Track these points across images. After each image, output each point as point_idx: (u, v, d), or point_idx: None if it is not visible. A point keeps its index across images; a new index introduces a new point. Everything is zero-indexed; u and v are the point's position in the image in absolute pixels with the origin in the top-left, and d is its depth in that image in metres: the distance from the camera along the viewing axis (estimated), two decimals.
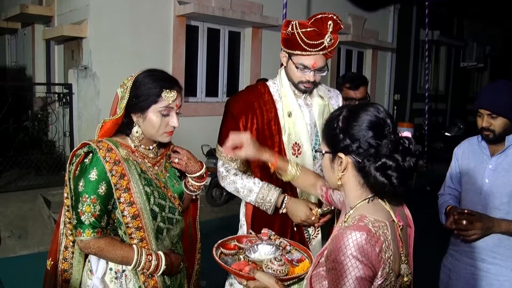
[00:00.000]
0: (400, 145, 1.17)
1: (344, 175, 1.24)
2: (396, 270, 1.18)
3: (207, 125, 6.98)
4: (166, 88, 1.64)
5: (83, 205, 1.58)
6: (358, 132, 1.19)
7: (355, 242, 1.10)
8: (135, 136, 1.71)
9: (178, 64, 6.87)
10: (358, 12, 9.75)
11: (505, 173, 2.09)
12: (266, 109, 2.12)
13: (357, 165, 1.21)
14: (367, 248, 1.09)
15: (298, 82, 2.09)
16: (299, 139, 2.11)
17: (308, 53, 1.99)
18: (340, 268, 1.10)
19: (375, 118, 1.19)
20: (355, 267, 1.09)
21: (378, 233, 1.13)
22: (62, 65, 7.22)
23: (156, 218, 1.69)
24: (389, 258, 1.14)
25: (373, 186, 1.20)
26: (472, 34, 14.35)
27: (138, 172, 1.67)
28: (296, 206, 2.05)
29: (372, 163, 1.17)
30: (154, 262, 1.64)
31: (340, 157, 1.23)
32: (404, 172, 1.16)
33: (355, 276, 1.09)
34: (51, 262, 1.75)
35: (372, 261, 1.10)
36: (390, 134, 1.18)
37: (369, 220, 1.15)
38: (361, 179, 1.22)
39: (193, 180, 1.90)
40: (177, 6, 6.80)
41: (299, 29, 1.97)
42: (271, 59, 7.66)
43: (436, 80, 13.37)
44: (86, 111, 6.14)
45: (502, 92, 2.06)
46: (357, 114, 1.21)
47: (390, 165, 1.16)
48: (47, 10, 7.13)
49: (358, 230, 1.12)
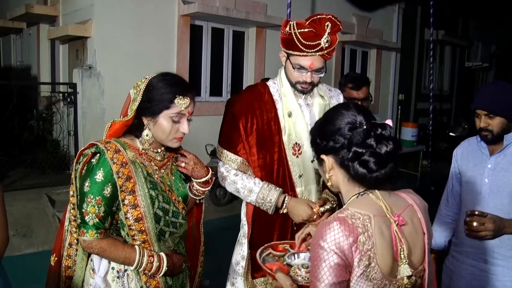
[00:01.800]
0: (372, 131, 1.22)
1: (332, 175, 1.31)
2: (384, 267, 1.19)
3: (211, 125, 6.96)
4: (179, 95, 1.62)
5: (88, 205, 1.58)
6: (330, 131, 1.27)
7: (329, 233, 1.17)
8: (145, 139, 1.70)
9: (182, 63, 6.87)
10: (363, 11, 9.72)
11: (505, 173, 2.08)
12: (266, 109, 2.11)
13: (339, 162, 1.28)
14: (339, 238, 1.15)
15: (295, 83, 2.08)
16: (299, 139, 2.11)
17: (305, 54, 1.98)
18: (317, 256, 1.18)
19: (346, 115, 1.27)
20: (327, 256, 1.15)
21: (355, 224, 1.17)
22: (66, 64, 7.24)
23: (159, 222, 1.68)
24: (369, 251, 1.17)
25: (355, 177, 1.25)
26: (477, 34, 14.28)
27: (144, 175, 1.66)
28: (298, 206, 2.05)
29: (348, 154, 1.24)
30: (156, 263, 1.65)
31: (322, 159, 1.32)
32: (380, 157, 1.21)
33: (329, 265, 1.15)
34: (55, 258, 1.76)
35: (344, 251, 1.15)
36: (361, 125, 1.24)
37: (349, 212, 1.21)
38: (346, 174, 1.28)
39: (198, 185, 1.88)
40: (181, 6, 6.80)
41: (296, 29, 1.96)
42: (275, 59, 7.58)
43: (441, 80, 13.32)
44: (90, 111, 6.15)
45: (499, 91, 2.06)
46: (330, 116, 1.31)
47: (361, 151, 1.21)
48: (52, 10, 7.16)
49: (335, 221, 1.18)
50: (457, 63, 13.84)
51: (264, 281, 2.12)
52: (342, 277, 1.16)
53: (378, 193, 1.27)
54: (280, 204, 2.06)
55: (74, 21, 6.48)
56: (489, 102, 2.05)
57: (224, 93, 7.77)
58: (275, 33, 7.85)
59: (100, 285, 1.67)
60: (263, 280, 2.12)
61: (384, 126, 1.23)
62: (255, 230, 2.14)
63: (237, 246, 2.25)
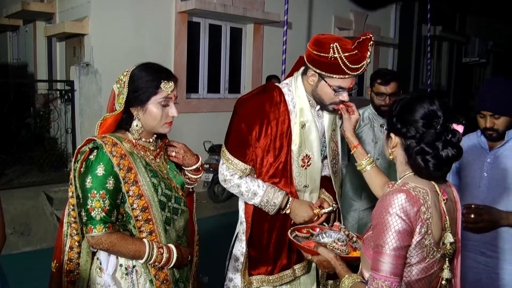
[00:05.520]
0: (443, 136, 1.34)
1: (394, 151, 1.46)
2: (436, 235, 1.35)
3: (209, 121, 6.99)
4: (164, 79, 1.67)
5: (93, 201, 1.58)
6: (408, 119, 1.38)
7: (396, 201, 1.31)
8: (135, 129, 1.71)
9: (179, 60, 6.86)
10: (360, 8, 9.72)
11: (504, 167, 2.10)
12: (281, 121, 2.06)
13: (403, 146, 1.41)
14: (406, 206, 1.30)
15: (329, 103, 2.02)
16: (310, 150, 2.09)
17: (348, 76, 1.92)
18: (384, 223, 1.31)
19: (427, 110, 1.36)
20: (395, 222, 1.29)
21: (417, 196, 1.32)
22: (64, 62, 7.21)
23: (164, 209, 1.70)
24: (428, 220, 1.33)
25: (412, 166, 1.41)
26: (475, 30, 14.30)
27: (143, 164, 1.68)
28: (300, 207, 2.09)
29: (414, 147, 1.37)
30: (165, 254, 1.66)
31: (391, 136, 1.46)
32: (441, 160, 1.34)
33: (396, 230, 1.29)
34: (56, 264, 1.75)
35: (410, 218, 1.30)
36: (437, 125, 1.34)
37: (410, 186, 1.36)
38: (406, 157, 1.42)
39: (189, 173, 1.93)
40: (178, 3, 6.79)
41: (342, 53, 1.87)
42: (273, 55, 7.64)
43: (438, 75, 13.33)
44: (88, 108, 6.14)
45: (504, 91, 2.07)
46: (412, 104, 1.40)
47: (428, 151, 1.34)
48: (48, 7, 7.13)
49: (400, 192, 1.32)
50: (454, 59, 13.86)
51: (260, 279, 2.14)
52: (406, 242, 1.31)
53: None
54: (284, 205, 2.08)
55: (71, 18, 6.45)
56: (495, 104, 2.06)
57: (222, 90, 7.76)
58: (272, 30, 7.85)
59: (109, 283, 1.66)
60: (260, 278, 2.14)
61: (455, 133, 1.35)
62: (255, 230, 2.15)
63: (237, 242, 2.26)
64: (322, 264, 1.68)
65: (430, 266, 1.37)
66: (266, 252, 2.15)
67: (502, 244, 2.09)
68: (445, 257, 1.40)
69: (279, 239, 2.14)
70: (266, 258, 2.15)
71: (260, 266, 2.15)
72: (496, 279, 2.11)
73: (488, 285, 2.13)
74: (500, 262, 2.10)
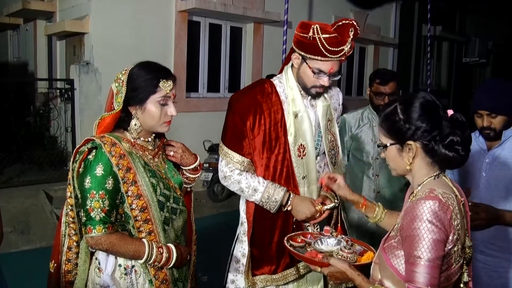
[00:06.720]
0: (456, 121, 1.32)
1: (414, 161, 1.38)
2: (462, 240, 1.32)
3: (209, 121, 6.98)
4: (163, 78, 1.67)
5: (92, 201, 1.57)
6: (419, 119, 1.33)
7: (429, 209, 1.25)
8: (133, 128, 1.71)
9: (179, 59, 6.86)
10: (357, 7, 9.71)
11: (502, 167, 2.11)
12: (274, 110, 2.08)
13: (425, 148, 1.35)
14: (441, 214, 1.25)
15: (311, 87, 2.06)
16: (304, 140, 2.10)
17: (327, 59, 1.95)
18: (417, 233, 1.24)
19: (427, 103, 1.34)
20: (431, 231, 1.24)
21: (448, 202, 1.28)
22: (64, 60, 7.21)
23: (163, 209, 1.70)
24: (457, 226, 1.29)
25: (443, 161, 1.35)
26: (475, 30, 14.28)
27: (142, 164, 1.68)
28: (302, 203, 2.07)
29: (440, 143, 1.32)
30: (165, 254, 1.66)
31: (409, 145, 1.36)
32: (467, 142, 1.33)
33: (432, 239, 1.23)
34: (54, 264, 1.75)
35: (445, 225, 1.25)
36: (443, 114, 1.33)
37: (439, 191, 1.30)
38: (429, 159, 1.36)
39: (188, 172, 1.93)
40: (178, 2, 6.79)
41: (321, 34, 1.91)
42: (273, 55, 7.63)
43: (438, 75, 13.33)
44: (88, 107, 6.14)
45: (499, 91, 2.09)
46: (412, 103, 1.36)
47: (457, 140, 1.31)
48: (49, 5, 7.13)
49: (431, 199, 1.27)
50: (454, 58, 13.85)
51: (264, 278, 2.13)
52: (442, 251, 1.25)
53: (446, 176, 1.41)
54: (285, 201, 2.07)
55: (71, 17, 6.45)
56: (492, 103, 2.08)
57: (221, 89, 7.76)
58: (272, 29, 7.84)
59: (108, 283, 1.66)
60: (264, 277, 2.13)
61: (460, 115, 1.33)
62: (256, 229, 2.14)
63: (238, 244, 2.25)
64: (334, 276, 1.55)
65: (455, 272, 1.35)
66: (268, 251, 2.14)
67: (501, 242, 2.10)
68: (464, 261, 1.37)
69: (281, 238, 2.10)
70: (269, 257, 2.14)
71: (263, 265, 2.14)
72: (495, 277, 2.12)
73: (487, 283, 2.14)
74: (499, 261, 2.11)
